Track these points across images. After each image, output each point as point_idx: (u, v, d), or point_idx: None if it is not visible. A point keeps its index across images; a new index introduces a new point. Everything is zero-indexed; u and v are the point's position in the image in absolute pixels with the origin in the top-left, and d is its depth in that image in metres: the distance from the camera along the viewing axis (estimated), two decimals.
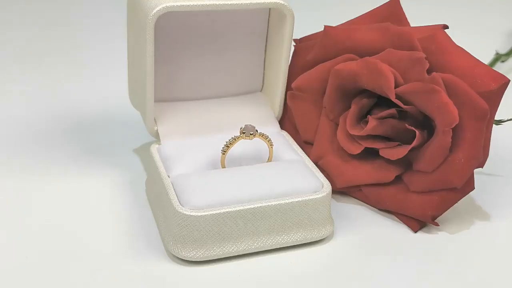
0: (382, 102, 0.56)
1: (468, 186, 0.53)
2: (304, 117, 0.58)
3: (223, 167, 0.54)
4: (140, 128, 0.63)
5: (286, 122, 0.60)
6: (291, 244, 0.51)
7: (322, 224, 0.52)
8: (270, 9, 0.58)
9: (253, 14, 0.57)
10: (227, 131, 0.57)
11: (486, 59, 0.76)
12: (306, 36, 0.60)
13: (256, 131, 0.53)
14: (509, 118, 0.62)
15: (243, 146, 0.55)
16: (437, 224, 0.53)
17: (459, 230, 0.53)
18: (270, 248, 0.50)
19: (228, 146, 0.53)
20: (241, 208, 0.49)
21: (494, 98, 0.51)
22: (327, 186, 0.52)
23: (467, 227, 0.54)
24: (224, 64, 0.59)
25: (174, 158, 0.54)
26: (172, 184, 0.51)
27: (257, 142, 0.55)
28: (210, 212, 0.49)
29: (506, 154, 0.62)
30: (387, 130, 0.55)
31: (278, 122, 0.60)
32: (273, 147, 0.55)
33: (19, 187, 0.56)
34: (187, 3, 0.51)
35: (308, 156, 0.57)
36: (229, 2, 0.52)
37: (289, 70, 0.59)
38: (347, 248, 0.51)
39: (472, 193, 0.56)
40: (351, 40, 0.56)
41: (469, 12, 1.01)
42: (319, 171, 0.54)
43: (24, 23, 0.90)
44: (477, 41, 0.81)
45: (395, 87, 0.53)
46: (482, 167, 0.54)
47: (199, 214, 0.48)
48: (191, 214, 0.48)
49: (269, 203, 0.50)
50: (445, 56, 0.52)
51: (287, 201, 0.50)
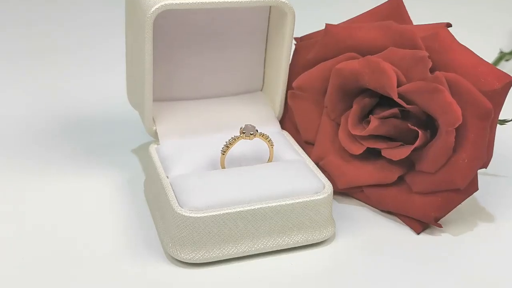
0: (384, 101, 0.56)
1: (472, 186, 0.53)
2: (305, 116, 0.58)
3: (223, 167, 0.54)
4: (138, 128, 0.63)
5: (286, 121, 0.60)
6: (292, 246, 0.51)
7: (323, 225, 0.52)
8: (270, 7, 0.58)
9: (253, 12, 0.57)
10: (226, 131, 0.57)
11: (490, 57, 0.76)
12: (307, 35, 0.60)
13: (256, 131, 0.53)
14: None
15: (243, 146, 0.55)
16: (440, 226, 0.53)
17: (463, 232, 0.53)
18: (270, 250, 0.50)
19: (228, 146, 0.53)
20: (241, 209, 0.49)
21: (498, 97, 0.51)
22: (329, 187, 0.52)
23: (470, 229, 0.54)
24: (223, 63, 0.59)
25: (173, 158, 0.54)
26: (171, 185, 0.51)
27: (257, 142, 0.55)
28: (210, 213, 0.49)
29: (510, 154, 0.62)
30: (389, 130, 0.55)
31: (278, 122, 0.60)
32: (273, 147, 0.55)
33: (18, 187, 0.56)
34: (186, 1, 0.51)
35: (309, 157, 0.57)
36: (229, 0, 0.52)
37: (289, 69, 0.59)
38: (348, 250, 0.51)
39: (475, 194, 0.56)
40: (352, 39, 0.55)
41: (472, 10, 1.01)
42: (320, 172, 0.54)
43: (23, 21, 0.91)
44: (480, 39, 0.81)
45: (397, 86, 0.53)
46: (486, 168, 0.54)
47: (198, 215, 0.48)
48: (190, 215, 0.48)
49: (269, 204, 0.50)
50: (448, 54, 0.53)
51: (288, 202, 0.50)
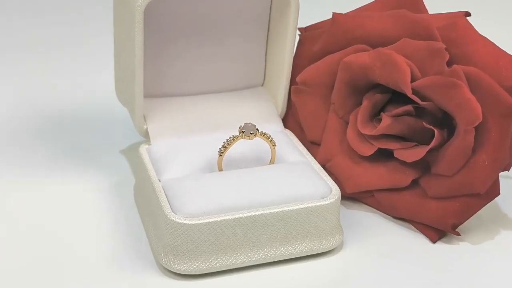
0: (397, 98, 0.56)
1: (493, 191, 0.53)
2: (310, 114, 0.58)
3: (220, 170, 0.54)
4: (128, 127, 0.63)
5: (290, 119, 0.61)
6: (296, 256, 0.51)
7: (330, 233, 0.52)
8: None
9: (253, 1, 0.58)
10: (224, 130, 0.57)
11: None
12: (312, 25, 0.60)
13: (257, 130, 0.53)
14: None
15: (243, 147, 0.55)
16: (458, 234, 0.53)
17: (483, 240, 0.53)
18: (272, 261, 0.51)
19: (225, 147, 0.53)
20: (240, 215, 0.49)
21: None
22: (336, 191, 0.52)
23: (491, 237, 0.54)
24: (221, 56, 0.59)
25: (166, 159, 0.54)
26: (163, 189, 0.51)
27: (258, 142, 0.55)
28: (206, 220, 0.49)
29: None
30: (402, 129, 0.55)
31: (281, 120, 0.60)
32: (275, 147, 0.55)
33: None
34: None
35: (315, 158, 0.57)
36: None
37: (293, 62, 0.59)
38: (358, 260, 0.51)
39: (497, 199, 0.55)
40: (362, 29, 0.55)
41: None
42: (327, 175, 0.54)
43: (5, 14, 0.91)
44: (502, 29, 0.80)
45: (411, 81, 0.53)
46: (508, 170, 0.54)
47: (194, 223, 0.48)
48: (185, 222, 0.48)
49: (271, 210, 0.50)
50: (467, 46, 0.53)
51: (291, 208, 0.50)
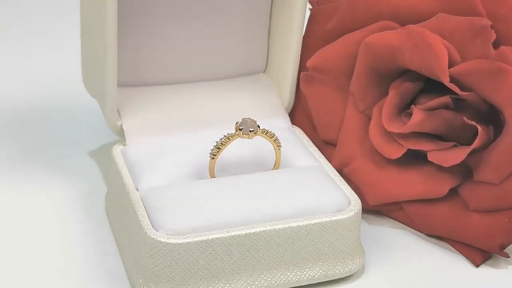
0: (431, 87, 0.56)
1: None
2: (324, 107, 0.58)
3: (213, 176, 0.54)
4: (98, 123, 0.63)
5: (299, 114, 0.61)
6: (307, 283, 0.51)
7: (348, 255, 0.52)
8: None
9: None
10: (217, 127, 0.57)
11: None
12: None
13: (258, 127, 0.53)
14: None
15: (240, 148, 0.55)
16: (507, 256, 0.53)
17: None
18: None
19: (219, 148, 0.53)
20: (237, 233, 0.49)
21: None
22: (356, 203, 0.52)
23: None
24: (213, 35, 0.59)
25: (145, 164, 0.55)
26: (141, 200, 0.52)
27: (259, 142, 0.55)
28: (195, 239, 0.48)
29: None
30: (438, 126, 0.55)
31: (288, 115, 0.60)
32: (281, 148, 0.54)
33: None
34: None
35: (330, 161, 0.57)
36: None
37: (303, 42, 0.59)
38: None
39: None
40: (388, 2, 0.56)
41: None
42: (345, 183, 0.54)
43: None
44: None
45: (449, 67, 0.53)
46: None
47: (179, 242, 0.48)
48: (168, 241, 0.48)
49: (275, 227, 0.50)
50: None
51: (300, 223, 0.50)
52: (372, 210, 0.57)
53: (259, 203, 0.51)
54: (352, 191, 0.53)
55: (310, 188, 0.52)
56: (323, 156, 0.57)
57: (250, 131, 0.53)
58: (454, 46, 0.53)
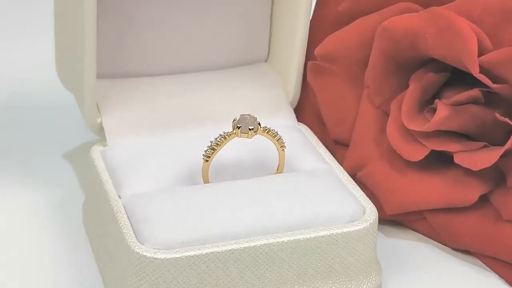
0: (458, 78, 0.56)
1: None
2: (335, 102, 0.58)
3: (206, 181, 0.54)
4: (74, 120, 0.63)
5: (306, 110, 0.61)
6: None
7: (363, 272, 0.52)
8: None
9: None
10: (212, 125, 0.57)
11: None
12: None
13: (258, 124, 0.53)
14: None
15: (238, 149, 0.55)
16: None
17: None
18: None
19: (214, 149, 0.53)
20: (234, 246, 0.49)
21: None
22: (371, 212, 0.52)
23: None
24: (208, 19, 0.59)
25: (128, 167, 0.55)
26: (125, 209, 0.51)
27: (259, 142, 0.55)
28: (186, 254, 0.48)
29: None
30: (466, 123, 0.55)
31: (293, 111, 0.60)
32: (285, 149, 0.54)
33: None
34: None
35: (341, 164, 0.57)
36: None
37: (310, 27, 0.59)
38: None
39: None
40: None
41: None
42: (359, 189, 0.54)
43: None
44: None
45: (479, 55, 0.53)
46: None
47: (169, 257, 0.48)
48: (155, 256, 0.48)
49: (279, 239, 0.50)
50: None
51: (307, 235, 0.50)
52: (390, 220, 0.57)
53: (260, 212, 0.51)
54: (367, 198, 0.53)
55: (319, 195, 0.52)
56: (333, 158, 0.57)
57: (250, 129, 0.52)
58: (484, 31, 0.53)
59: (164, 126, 0.57)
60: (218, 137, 0.53)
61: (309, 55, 0.59)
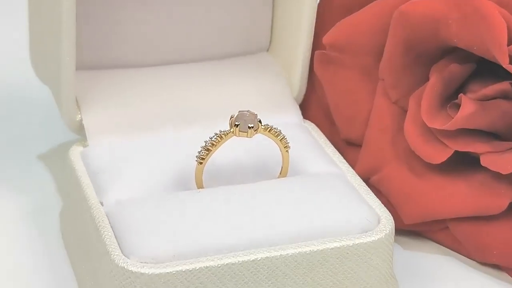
0: (485, 70, 0.56)
1: None
2: (345, 97, 0.59)
3: (200, 187, 0.54)
4: (50, 117, 0.64)
5: (312, 106, 0.61)
6: None
7: None
8: None
9: None
10: (206, 123, 0.57)
11: None
12: None
13: (259, 122, 0.53)
14: None
15: (236, 150, 0.55)
16: None
17: None
18: None
19: (208, 150, 0.53)
20: (232, 260, 0.49)
21: None
22: (387, 222, 0.52)
23: None
24: (202, 4, 0.60)
25: (112, 170, 0.55)
26: (107, 218, 0.52)
27: (260, 142, 0.55)
28: (177, 268, 0.48)
29: None
30: (494, 121, 0.55)
31: (298, 106, 0.61)
32: (289, 150, 0.54)
33: None
34: None
35: (353, 167, 0.57)
36: None
37: (317, 12, 0.59)
38: None
39: None
40: None
41: None
42: (373, 195, 0.54)
43: None
44: None
45: (508, 44, 0.53)
46: None
47: (158, 272, 0.48)
48: (143, 271, 0.48)
49: (282, 252, 0.50)
50: None
51: (314, 248, 0.50)
52: (409, 230, 0.57)
53: (260, 222, 0.51)
54: (383, 205, 0.53)
55: (327, 202, 0.53)
56: (344, 160, 0.57)
57: (249, 127, 0.53)
58: None
59: (152, 124, 0.57)
60: (214, 136, 0.53)
61: (316, 43, 0.59)
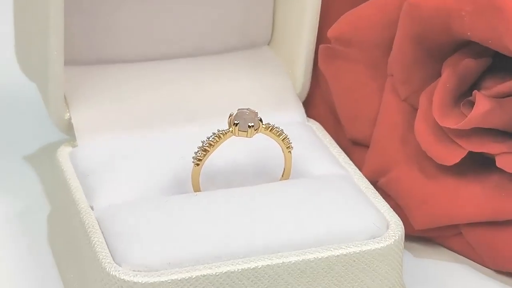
0: (500, 65, 0.57)
1: None
2: (352, 93, 0.59)
3: (197, 190, 0.54)
4: (37, 116, 0.64)
5: (317, 103, 0.61)
6: None
7: None
8: None
9: None
10: (203, 121, 0.58)
11: None
12: None
13: (260, 121, 0.53)
14: None
15: (235, 150, 0.55)
16: None
17: None
18: None
19: (206, 150, 0.53)
20: (231, 268, 0.49)
21: None
22: (396, 227, 0.52)
23: None
24: None
25: (103, 172, 0.55)
26: (98, 223, 0.52)
27: (261, 142, 0.55)
28: (173, 277, 0.48)
29: None
30: (510, 119, 0.56)
31: (301, 104, 0.61)
32: (292, 151, 0.55)
33: None
34: None
35: (360, 169, 0.57)
36: None
37: (322, 4, 0.59)
38: None
39: None
40: None
41: None
42: (381, 198, 0.55)
43: None
44: None
45: None
46: None
47: (152, 281, 0.48)
48: (136, 280, 0.48)
49: (284, 260, 0.50)
50: None
51: (319, 255, 0.50)
52: (420, 236, 0.57)
53: (261, 227, 0.51)
54: (391, 210, 0.54)
55: (333, 206, 0.53)
56: (350, 162, 0.57)
57: (249, 126, 0.53)
58: None
59: (145, 123, 0.58)
60: (211, 136, 0.53)
61: (320, 37, 0.59)
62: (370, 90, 0.58)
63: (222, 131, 0.53)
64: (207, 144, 0.52)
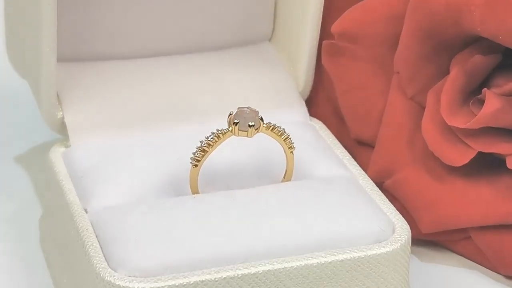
0: (510, 62, 0.57)
1: None
2: (357, 92, 0.59)
3: (195, 192, 0.54)
4: (29, 115, 0.64)
5: (320, 101, 0.61)
6: None
7: None
8: None
9: None
10: (202, 120, 0.58)
11: None
12: None
13: (261, 120, 0.53)
14: None
15: (235, 151, 0.55)
16: None
17: None
18: None
19: (204, 151, 0.53)
20: (230, 273, 0.49)
21: None
22: (403, 231, 0.52)
23: None
24: None
25: (97, 173, 0.55)
26: (92, 226, 0.52)
27: (262, 142, 0.55)
28: (170, 282, 0.48)
29: None
30: None
31: (304, 103, 0.61)
32: (294, 152, 0.55)
33: None
34: None
35: (365, 170, 0.57)
36: None
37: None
38: None
39: None
40: None
41: None
42: (387, 201, 0.55)
43: None
44: None
45: None
46: None
47: (148, 286, 0.48)
48: (132, 285, 0.48)
49: (286, 265, 0.50)
50: None
51: (322, 260, 0.50)
52: (427, 240, 0.58)
53: (262, 231, 0.51)
54: (398, 213, 0.54)
55: (336, 209, 0.53)
56: (355, 163, 0.57)
57: (250, 126, 0.53)
58: None
59: (142, 122, 0.58)
60: (210, 135, 0.53)
61: (324, 32, 0.60)
62: (376, 88, 0.59)
63: (221, 130, 0.53)
64: (206, 144, 0.53)
